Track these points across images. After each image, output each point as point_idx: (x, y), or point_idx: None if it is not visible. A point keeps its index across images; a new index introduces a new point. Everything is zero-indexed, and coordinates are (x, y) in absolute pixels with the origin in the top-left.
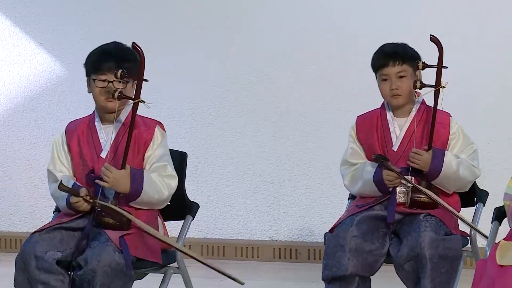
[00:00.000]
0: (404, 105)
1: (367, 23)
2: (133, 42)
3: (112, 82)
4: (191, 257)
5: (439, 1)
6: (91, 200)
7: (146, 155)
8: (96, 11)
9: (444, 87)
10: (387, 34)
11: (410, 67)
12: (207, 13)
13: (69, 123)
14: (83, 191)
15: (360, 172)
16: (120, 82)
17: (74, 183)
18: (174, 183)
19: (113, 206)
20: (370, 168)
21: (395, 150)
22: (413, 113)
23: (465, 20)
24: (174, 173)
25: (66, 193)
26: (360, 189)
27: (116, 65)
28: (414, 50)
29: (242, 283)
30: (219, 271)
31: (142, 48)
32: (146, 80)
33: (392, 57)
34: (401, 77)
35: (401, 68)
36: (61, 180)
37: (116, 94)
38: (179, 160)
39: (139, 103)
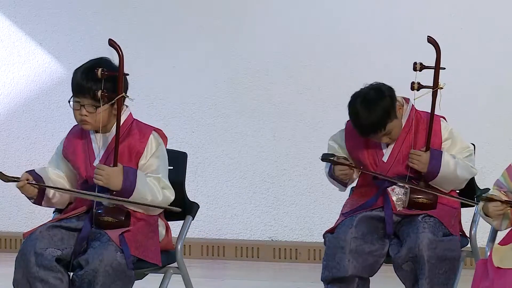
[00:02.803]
0: None
1: (368, 23)
2: (110, 39)
3: (84, 105)
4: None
5: (439, 2)
6: (34, 183)
7: (140, 163)
8: (96, 11)
9: (442, 88)
10: (387, 34)
11: (393, 119)
12: (207, 13)
13: (71, 130)
14: (23, 176)
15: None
16: (88, 104)
17: (33, 170)
18: (171, 195)
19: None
20: (327, 167)
21: (385, 161)
22: (403, 122)
23: (465, 21)
24: (170, 185)
25: (11, 182)
26: (330, 182)
27: (93, 87)
28: (386, 99)
29: (177, 210)
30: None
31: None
32: (127, 74)
33: (372, 131)
34: (389, 133)
35: (385, 131)
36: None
37: (99, 94)
38: (179, 160)
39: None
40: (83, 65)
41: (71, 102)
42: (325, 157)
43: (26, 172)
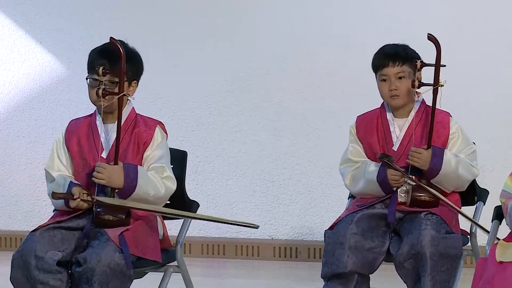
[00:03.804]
0: (403, 105)
1: (368, 23)
2: (111, 37)
3: (103, 81)
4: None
5: (439, 2)
6: (89, 198)
7: (145, 155)
8: (96, 10)
9: (442, 85)
10: (387, 34)
11: (409, 68)
12: (207, 13)
13: (70, 122)
14: (76, 193)
15: (362, 171)
16: (107, 80)
17: (70, 181)
18: (172, 185)
19: (109, 200)
20: (372, 168)
21: (395, 150)
22: (412, 113)
23: (465, 20)
24: (173, 175)
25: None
26: (361, 189)
27: (109, 65)
28: (414, 51)
29: (256, 227)
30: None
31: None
32: (128, 73)
33: (392, 57)
34: (400, 78)
35: (401, 69)
36: (53, 191)
37: (100, 92)
38: (179, 158)
39: (124, 97)
40: (99, 46)
41: (89, 82)
42: (383, 157)
43: (75, 186)
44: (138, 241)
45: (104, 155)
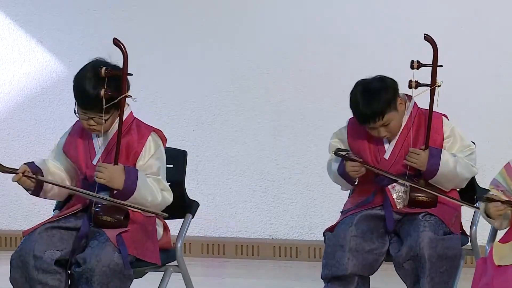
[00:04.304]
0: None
1: (368, 23)
2: (114, 38)
3: (92, 118)
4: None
5: (439, 2)
6: (32, 176)
7: (138, 164)
8: (96, 10)
9: (439, 85)
10: (387, 34)
11: (392, 111)
12: (207, 13)
13: (74, 124)
14: (21, 168)
15: (330, 165)
16: (95, 115)
17: (33, 162)
18: (170, 196)
19: (53, 181)
20: (334, 163)
21: (387, 158)
22: (405, 119)
23: (466, 20)
24: (168, 187)
25: (9, 173)
26: (335, 182)
27: (96, 101)
28: (389, 90)
29: (165, 216)
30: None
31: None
32: (131, 74)
33: (371, 118)
34: (386, 125)
35: (383, 121)
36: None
37: (102, 92)
38: (179, 158)
39: (127, 98)
40: (85, 73)
41: (77, 114)
42: (338, 152)
43: (24, 164)
44: (136, 242)
45: (95, 161)
